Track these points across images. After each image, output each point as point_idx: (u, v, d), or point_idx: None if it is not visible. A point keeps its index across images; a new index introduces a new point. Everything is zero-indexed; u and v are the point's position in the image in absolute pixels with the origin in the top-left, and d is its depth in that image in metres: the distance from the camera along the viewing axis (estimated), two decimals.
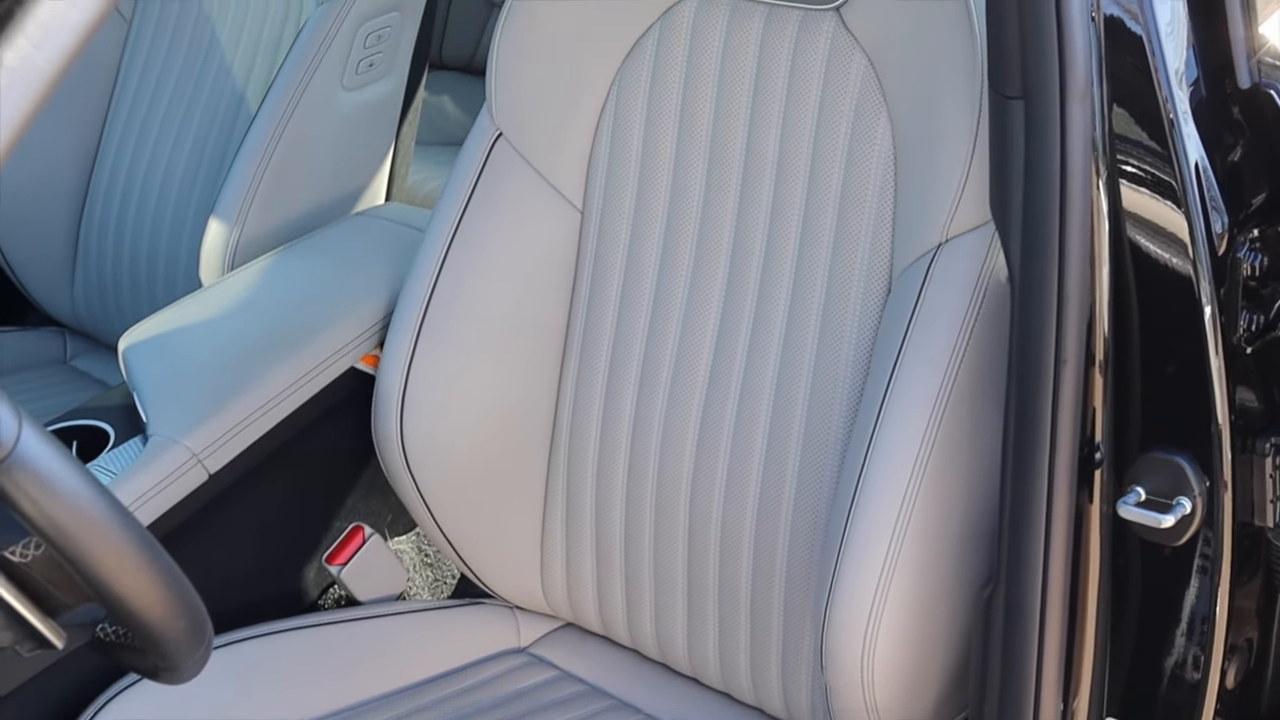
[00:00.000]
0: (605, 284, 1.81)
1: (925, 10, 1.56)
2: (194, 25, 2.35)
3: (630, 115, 1.78)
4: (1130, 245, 1.35)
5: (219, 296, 2.01)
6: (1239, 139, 1.38)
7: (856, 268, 1.64)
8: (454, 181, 1.83)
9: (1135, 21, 1.32)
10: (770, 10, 1.69)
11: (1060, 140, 1.31)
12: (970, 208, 1.51)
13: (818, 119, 1.66)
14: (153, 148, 2.37)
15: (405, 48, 2.32)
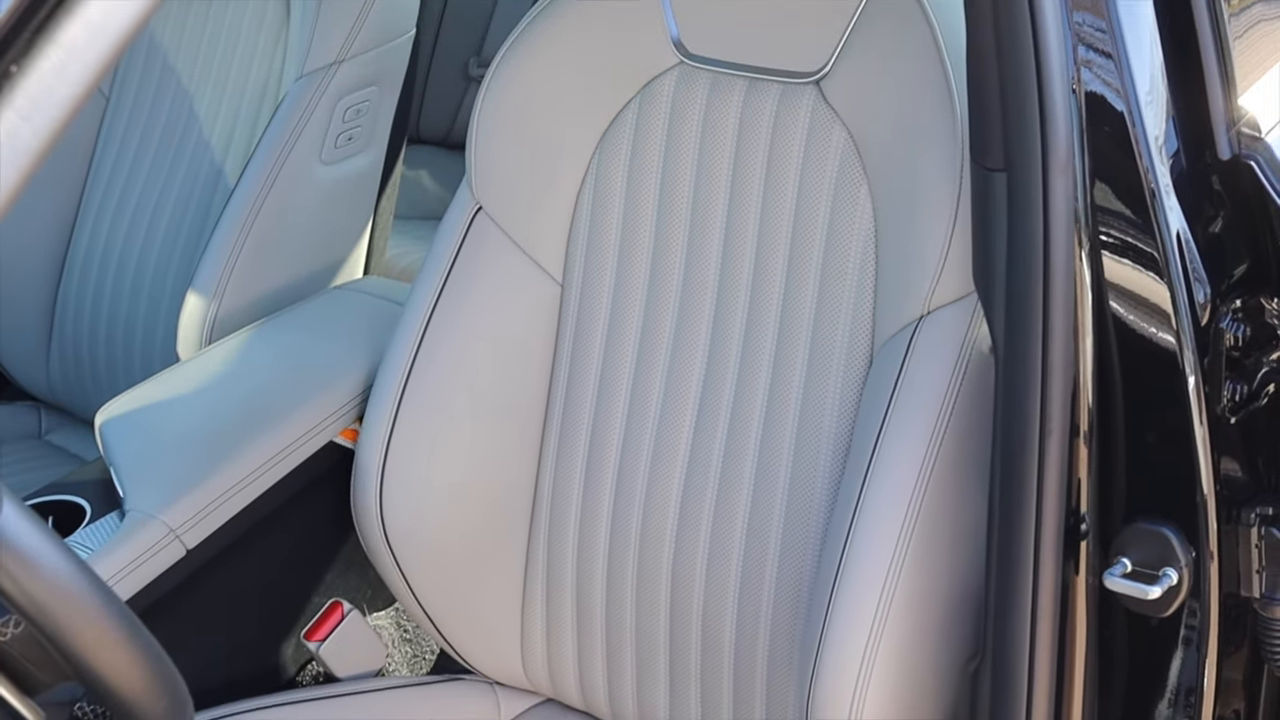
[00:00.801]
0: (586, 357, 1.81)
1: (905, 83, 1.57)
2: (172, 99, 2.36)
3: (610, 188, 1.78)
4: (1113, 317, 1.35)
5: (196, 371, 2.00)
6: (1219, 210, 1.39)
7: (838, 340, 1.64)
8: (434, 255, 1.83)
9: (1115, 94, 1.32)
10: (750, 83, 1.70)
11: (1043, 212, 1.31)
12: (952, 280, 1.51)
13: (798, 191, 1.67)
14: (130, 221, 2.36)
15: (384, 121, 2.33)
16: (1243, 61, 1.37)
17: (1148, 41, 1.34)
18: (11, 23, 0.80)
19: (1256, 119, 1.38)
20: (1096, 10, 1.32)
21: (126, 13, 0.84)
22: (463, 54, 3.21)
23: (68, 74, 0.82)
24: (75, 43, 0.82)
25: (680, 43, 1.73)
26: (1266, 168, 1.35)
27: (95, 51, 0.83)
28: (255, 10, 2.30)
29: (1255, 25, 1.42)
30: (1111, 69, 1.32)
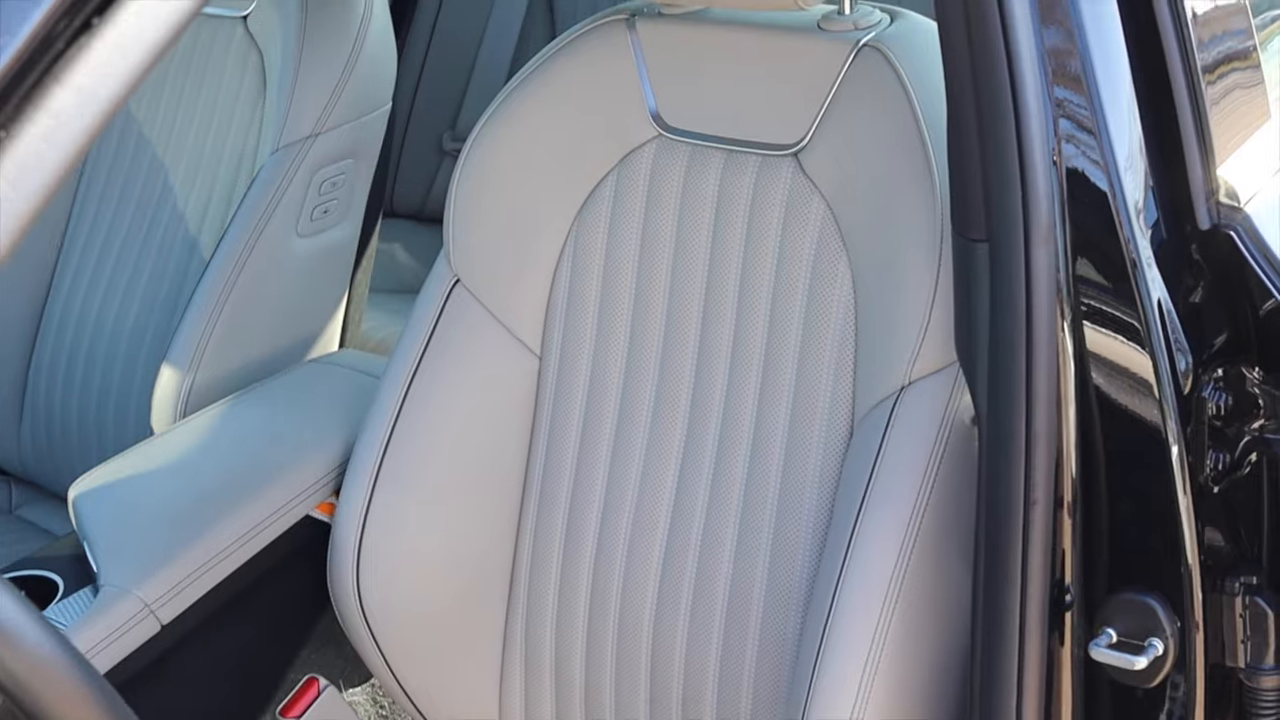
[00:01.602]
0: (564, 430, 1.80)
1: (884, 155, 1.57)
2: (147, 172, 2.35)
3: (589, 260, 1.78)
4: (1096, 387, 1.35)
5: (171, 444, 1.99)
6: (1199, 280, 1.39)
7: (818, 411, 1.64)
8: (411, 327, 1.82)
9: (1096, 166, 1.33)
10: (729, 155, 1.70)
11: (1025, 283, 1.31)
12: (933, 350, 1.51)
13: (777, 263, 1.67)
14: (104, 294, 2.35)
15: (360, 194, 2.33)
16: (1220, 131, 1.38)
17: (1126, 113, 1.35)
18: (0, 88, 0.79)
19: (1235, 189, 1.39)
20: (1076, 84, 1.33)
21: (115, 80, 0.83)
22: (437, 128, 3.22)
23: (56, 140, 0.81)
24: (64, 109, 0.81)
25: (658, 115, 1.74)
26: (1246, 238, 1.36)
27: (84, 119, 0.82)
28: (231, 83, 2.30)
29: (1231, 92, 1.44)
30: (1092, 142, 1.33)
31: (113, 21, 0.84)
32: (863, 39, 1.63)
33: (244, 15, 2.31)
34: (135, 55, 0.84)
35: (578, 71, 1.76)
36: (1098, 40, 1.34)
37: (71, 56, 0.82)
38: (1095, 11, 1.34)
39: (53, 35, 0.81)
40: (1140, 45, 1.36)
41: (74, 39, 0.82)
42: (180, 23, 0.86)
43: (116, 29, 0.84)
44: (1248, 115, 1.46)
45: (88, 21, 0.83)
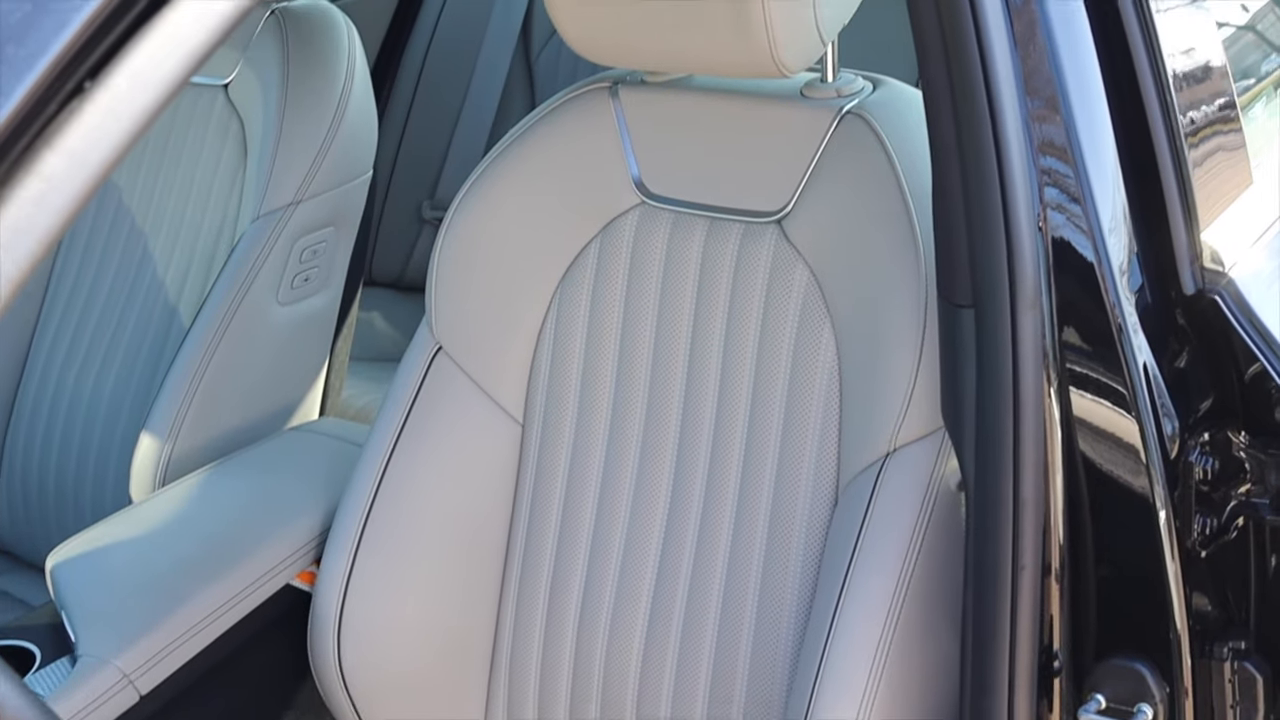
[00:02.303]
0: (547, 499, 1.79)
1: (867, 221, 1.58)
2: (127, 238, 2.35)
3: (571, 327, 1.78)
4: (1083, 453, 1.35)
5: (150, 513, 1.98)
6: (1184, 345, 1.40)
7: (803, 478, 1.64)
8: (393, 395, 1.82)
9: (1081, 231, 1.34)
10: (712, 222, 1.71)
11: (1012, 348, 1.31)
12: (918, 417, 1.51)
13: (761, 329, 1.67)
14: (82, 361, 2.34)
15: (340, 262, 2.33)
16: (1204, 196, 1.39)
17: (1111, 179, 1.36)
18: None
19: (1219, 254, 1.40)
20: (1061, 150, 1.34)
21: (107, 145, 0.83)
22: (416, 196, 3.22)
23: (47, 205, 0.81)
24: (55, 173, 0.81)
25: (641, 183, 1.74)
26: (1230, 302, 1.36)
27: (75, 183, 0.82)
28: (212, 151, 2.30)
29: (1214, 156, 1.45)
30: (1077, 209, 1.33)
31: (105, 85, 0.83)
32: (846, 106, 1.64)
33: (225, 84, 2.31)
34: (127, 120, 0.84)
35: (560, 139, 1.76)
36: (1082, 106, 1.35)
37: (63, 120, 0.82)
38: (1079, 78, 1.35)
39: (45, 98, 0.81)
40: (1124, 110, 1.37)
41: (66, 102, 0.82)
42: (173, 87, 0.86)
43: (109, 93, 0.83)
44: (1230, 180, 1.47)
45: (80, 85, 0.83)
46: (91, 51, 0.83)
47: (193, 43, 0.87)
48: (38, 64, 0.79)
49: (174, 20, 0.86)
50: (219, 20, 0.88)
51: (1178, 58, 1.40)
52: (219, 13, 0.88)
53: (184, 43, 0.87)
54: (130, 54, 0.85)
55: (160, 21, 0.86)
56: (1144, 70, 1.36)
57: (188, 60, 0.87)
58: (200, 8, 0.87)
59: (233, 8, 0.89)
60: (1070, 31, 1.35)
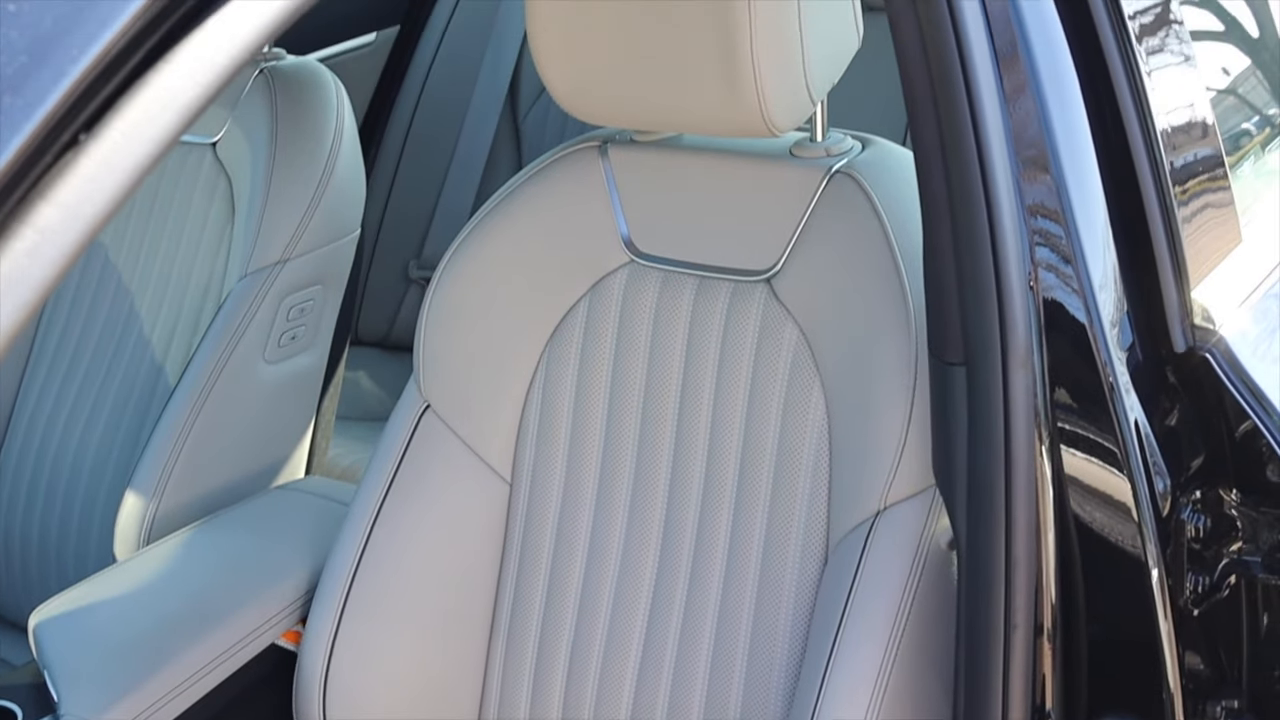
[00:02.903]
0: (534, 557, 1.78)
1: (857, 280, 1.58)
2: (114, 295, 2.34)
3: (560, 386, 1.77)
4: (1075, 511, 1.35)
5: (134, 571, 1.96)
6: (1175, 403, 1.40)
7: (792, 537, 1.63)
8: (380, 454, 1.81)
9: (1072, 291, 1.34)
10: (701, 281, 1.71)
11: (1004, 406, 1.31)
12: (908, 475, 1.51)
13: (750, 388, 1.67)
14: (67, 418, 2.33)
15: (328, 321, 2.32)
16: (1194, 255, 1.40)
17: (1101, 238, 1.36)
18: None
19: (1210, 312, 1.40)
20: (1052, 210, 1.34)
21: (101, 197, 0.83)
22: (403, 256, 3.22)
23: (40, 257, 0.80)
24: (49, 225, 0.81)
25: (630, 241, 1.74)
26: (1221, 360, 1.36)
27: (69, 235, 0.81)
28: (199, 209, 2.30)
29: (1204, 215, 1.45)
30: (1069, 269, 1.34)
31: (100, 138, 0.83)
32: (835, 165, 1.64)
33: (213, 142, 2.32)
34: (121, 173, 0.84)
35: (550, 197, 1.76)
36: (1072, 165, 1.35)
37: (58, 172, 0.82)
38: (1069, 136, 1.35)
39: (40, 150, 0.80)
40: (1113, 168, 1.37)
41: (61, 154, 0.82)
42: (167, 141, 0.86)
43: (104, 146, 0.83)
44: (1220, 239, 1.48)
45: (75, 137, 0.83)
46: (87, 104, 0.83)
47: (186, 97, 0.87)
48: (34, 115, 0.79)
49: (168, 75, 0.86)
50: (213, 76, 0.88)
51: (1167, 116, 1.40)
52: (213, 68, 0.88)
53: (178, 97, 0.87)
54: (125, 108, 0.85)
55: (155, 76, 0.86)
56: (1133, 127, 1.37)
57: (182, 115, 0.87)
58: (195, 63, 0.87)
59: (226, 64, 0.89)
60: (1060, 88, 1.36)
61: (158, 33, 0.86)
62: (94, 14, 0.82)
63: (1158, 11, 1.47)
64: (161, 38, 0.86)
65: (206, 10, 0.88)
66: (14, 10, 0.80)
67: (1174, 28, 1.48)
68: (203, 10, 0.88)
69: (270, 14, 0.91)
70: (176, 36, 0.87)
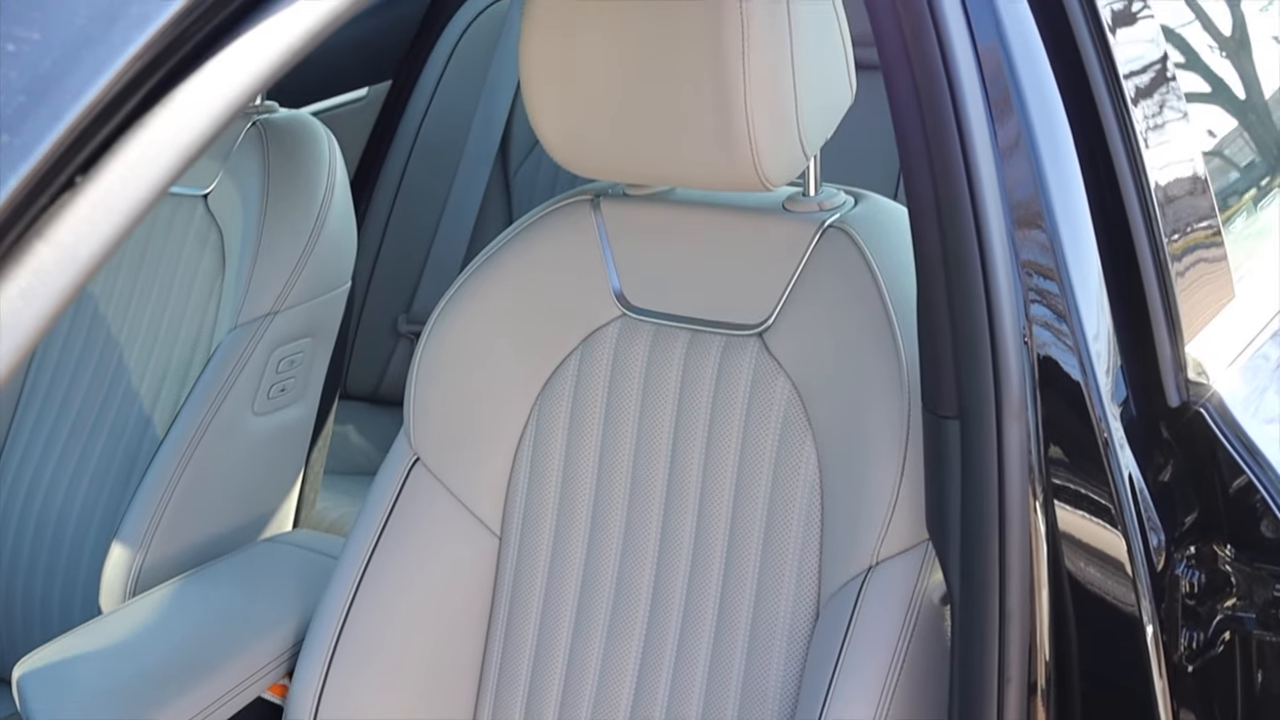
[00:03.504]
0: (523, 611, 1.77)
1: (849, 334, 1.58)
2: (103, 346, 2.34)
3: (551, 440, 1.77)
4: (1069, 568, 1.35)
5: (119, 624, 1.95)
6: (1169, 458, 1.39)
7: (784, 592, 1.62)
8: (369, 506, 1.80)
9: (1067, 348, 1.34)
10: (693, 335, 1.70)
11: (998, 459, 1.31)
12: (900, 530, 1.50)
13: (742, 442, 1.66)
14: (54, 469, 2.32)
15: (317, 373, 2.32)
16: (1188, 309, 1.40)
17: (1096, 293, 1.36)
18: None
19: (1204, 366, 1.40)
20: (1047, 267, 1.34)
21: (97, 240, 0.82)
22: (393, 310, 3.22)
23: (35, 298, 0.80)
24: (44, 267, 0.80)
25: (622, 295, 1.74)
26: (1215, 415, 1.36)
27: (63, 277, 0.81)
28: (190, 260, 2.30)
29: (1197, 269, 1.45)
30: (1064, 326, 1.34)
31: (96, 180, 0.83)
32: (828, 220, 1.64)
33: (205, 194, 2.32)
34: (118, 215, 0.83)
35: (542, 250, 1.76)
36: (1066, 221, 1.35)
37: (54, 214, 0.82)
38: (1063, 194, 1.36)
39: (37, 190, 0.80)
40: (1107, 223, 1.38)
41: (57, 196, 0.82)
42: (163, 185, 0.86)
43: (100, 188, 0.83)
44: (1214, 294, 1.48)
45: (71, 179, 0.82)
46: (84, 146, 0.83)
47: (183, 141, 0.87)
48: (31, 155, 0.79)
49: (166, 118, 0.86)
50: (210, 120, 0.88)
51: (1160, 171, 1.41)
52: (210, 113, 0.88)
53: (175, 141, 0.87)
54: (122, 150, 0.84)
55: (152, 119, 0.86)
56: (1127, 182, 1.37)
57: (179, 158, 0.87)
58: (192, 108, 0.87)
59: (224, 109, 0.89)
60: (1054, 143, 1.36)
61: (156, 75, 0.86)
62: (92, 56, 0.82)
63: (1153, 69, 1.48)
64: (160, 81, 0.86)
65: (204, 55, 0.88)
66: (13, 50, 0.79)
67: (1169, 84, 1.48)
68: (201, 55, 0.88)
69: (268, 60, 0.91)
70: (175, 80, 0.87)
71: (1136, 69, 1.44)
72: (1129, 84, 1.41)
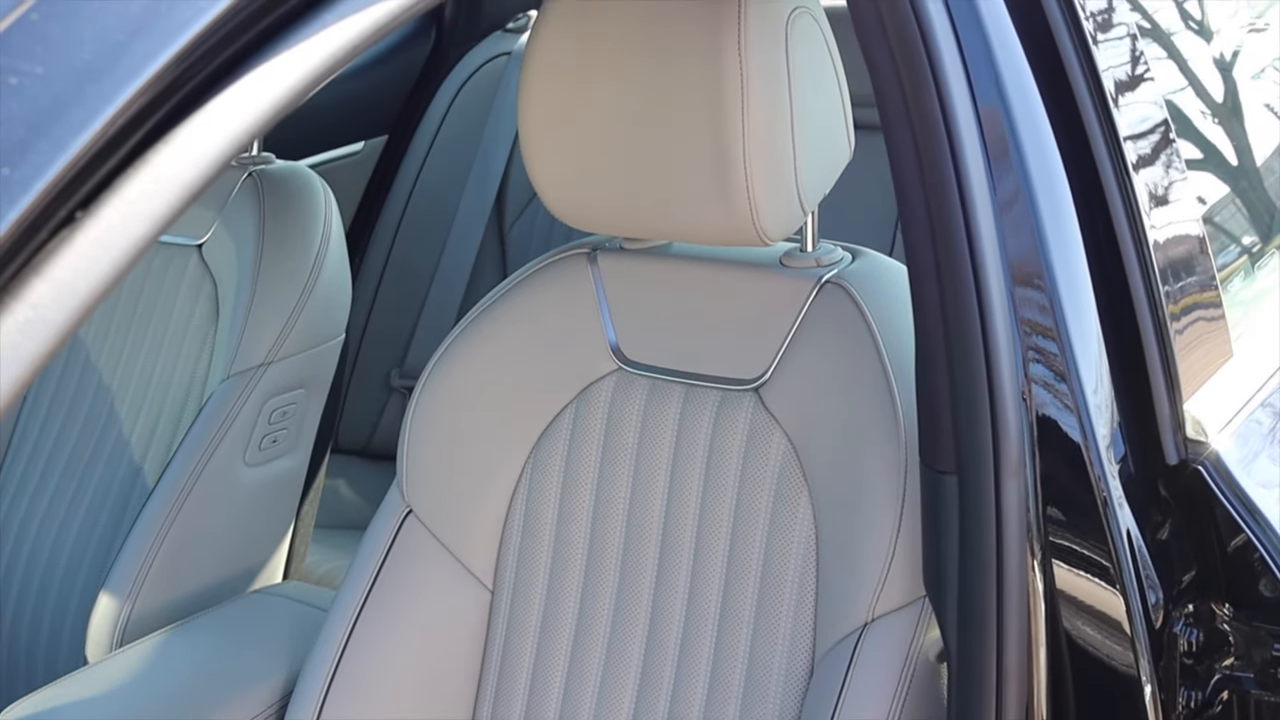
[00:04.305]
0: (514, 666, 1.76)
1: (846, 390, 1.57)
2: (94, 395, 2.33)
3: (544, 494, 1.76)
4: (1066, 625, 1.34)
5: (106, 674, 1.93)
6: (1167, 517, 1.39)
7: (778, 650, 1.61)
8: (360, 558, 1.79)
9: (1067, 409, 1.33)
10: (689, 389, 1.70)
11: (996, 515, 1.30)
12: (897, 586, 1.49)
13: (737, 496, 1.65)
14: (43, 516, 2.30)
15: (310, 425, 2.31)
16: (1186, 367, 1.39)
17: (1095, 351, 1.36)
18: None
19: (1202, 424, 1.40)
20: (1045, 326, 1.34)
21: (96, 275, 0.82)
22: (386, 364, 3.21)
23: (33, 333, 0.79)
24: (42, 301, 0.80)
25: (618, 349, 1.74)
26: (1214, 472, 1.36)
27: (62, 312, 0.80)
28: (183, 310, 2.30)
29: (1196, 328, 1.45)
30: (1064, 387, 1.33)
31: (97, 216, 0.83)
32: (825, 275, 1.64)
33: (199, 244, 2.32)
34: (117, 251, 0.83)
35: (538, 304, 1.76)
36: (1066, 280, 1.35)
37: (53, 249, 0.81)
38: (1064, 253, 1.36)
39: (36, 225, 0.80)
40: (1106, 280, 1.38)
41: (57, 231, 0.81)
42: (164, 221, 0.85)
43: (100, 224, 0.83)
44: (1212, 352, 1.48)
45: (71, 215, 0.82)
46: (85, 182, 0.82)
47: (185, 179, 0.87)
48: (31, 189, 0.78)
49: (167, 157, 0.86)
50: (211, 160, 0.88)
51: (1160, 230, 1.41)
52: (211, 153, 0.88)
53: (176, 179, 0.86)
54: (123, 187, 0.84)
55: (154, 156, 0.86)
56: (1126, 241, 1.37)
57: (179, 196, 0.87)
58: (194, 146, 0.87)
59: (225, 147, 0.89)
60: (1053, 200, 1.36)
61: (158, 113, 0.86)
62: (96, 90, 0.82)
63: (1154, 129, 1.48)
64: (162, 118, 0.86)
65: (207, 94, 0.88)
66: (15, 84, 0.79)
67: (1169, 145, 1.49)
68: (204, 93, 0.88)
69: (270, 100, 0.91)
70: (177, 118, 0.87)
71: (1137, 130, 1.44)
72: (1129, 145, 1.41)
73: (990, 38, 1.35)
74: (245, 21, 0.89)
